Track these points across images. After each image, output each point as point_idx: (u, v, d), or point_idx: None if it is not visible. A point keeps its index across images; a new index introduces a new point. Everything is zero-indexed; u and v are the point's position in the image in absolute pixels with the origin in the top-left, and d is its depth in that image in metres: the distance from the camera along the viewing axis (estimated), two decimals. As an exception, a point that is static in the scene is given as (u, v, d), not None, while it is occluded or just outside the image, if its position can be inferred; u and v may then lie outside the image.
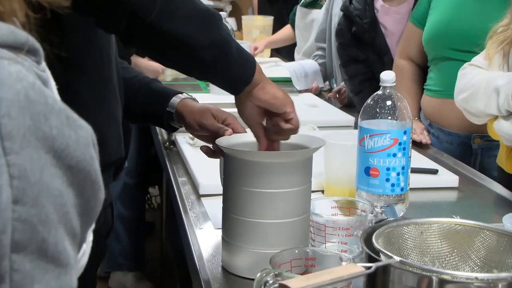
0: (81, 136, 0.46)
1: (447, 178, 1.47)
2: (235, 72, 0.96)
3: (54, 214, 0.44)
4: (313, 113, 2.09)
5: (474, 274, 0.64)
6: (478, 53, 1.52)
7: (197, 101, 1.21)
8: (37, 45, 0.47)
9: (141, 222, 2.68)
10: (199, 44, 0.90)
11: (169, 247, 2.66)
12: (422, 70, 1.99)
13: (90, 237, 0.54)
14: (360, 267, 0.63)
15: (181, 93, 1.20)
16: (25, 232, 0.42)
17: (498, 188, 1.46)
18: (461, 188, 1.45)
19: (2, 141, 0.41)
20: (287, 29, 3.15)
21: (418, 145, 1.76)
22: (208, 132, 1.12)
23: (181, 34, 0.88)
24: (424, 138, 1.84)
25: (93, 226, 0.52)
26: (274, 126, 1.00)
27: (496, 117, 1.41)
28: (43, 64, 0.48)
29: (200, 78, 0.98)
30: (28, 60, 0.46)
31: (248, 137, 1.06)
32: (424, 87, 1.95)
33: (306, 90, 2.47)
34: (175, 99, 1.18)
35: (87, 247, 0.53)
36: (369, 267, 0.63)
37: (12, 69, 0.43)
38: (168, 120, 1.19)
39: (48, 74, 0.48)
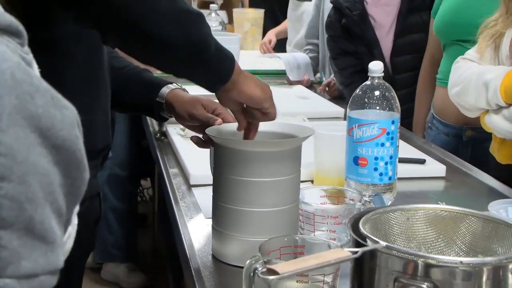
0: (66, 116, 0.47)
1: (434, 167, 1.49)
2: (212, 72, 0.96)
3: (40, 192, 0.44)
4: (303, 105, 2.10)
5: (459, 259, 0.66)
6: None
7: (187, 92, 1.22)
8: (21, 27, 0.48)
9: (134, 214, 2.69)
10: (174, 43, 0.90)
11: (161, 238, 2.67)
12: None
13: (75, 220, 0.54)
14: (346, 252, 0.64)
15: (171, 83, 1.21)
16: (12, 209, 0.43)
17: (485, 178, 1.48)
18: (448, 177, 1.47)
19: None
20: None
21: (406, 135, 1.78)
22: (198, 122, 1.13)
23: (157, 33, 0.88)
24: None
25: (78, 207, 0.52)
26: (251, 115, 1.02)
27: (487, 111, 1.42)
28: (26, 47, 0.49)
29: (177, 76, 0.99)
30: (12, 42, 0.46)
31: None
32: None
33: (298, 82, 2.48)
34: (165, 89, 1.19)
35: (72, 229, 0.54)
36: (356, 252, 0.65)
37: None
38: (158, 110, 1.20)
39: (31, 57, 0.49)
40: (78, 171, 0.48)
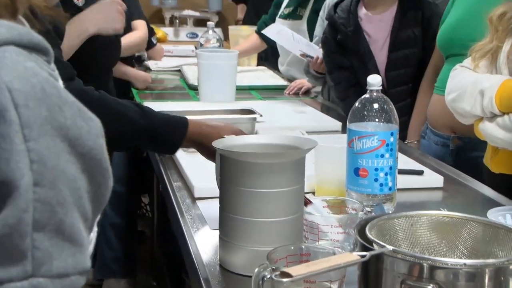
0: (92, 127, 0.50)
1: (433, 178, 1.52)
2: (162, 146, 1.22)
3: (70, 197, 0.47)
4: (301, 119, 2.14)
5: (462, 260, 0.69)
6: None
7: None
8: (48, 45, 0.51)
9: (133, 229, 2.70)
10: (123, 135, 1.15)
11: (160, 253, 2.69)
12: None
13: (96, 227, 0.57)
14: (355, 256, 0.67)
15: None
16: (44, 212, 0.45)
17: (482, 188, 1.51)
18: (446, 188, 1.50)
19: (22, 129, 0.45)
20: (254, 38, 3.16)
21: (404, 148, 1.82)
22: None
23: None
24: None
25: (100, 215, 0.55)
26: None
27: (482, 118, 1.46)
28: (53, 64, 0.52)
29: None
30: (40, 59, 0.50)
31: (243, 139, 1.10)
32: None
33: (311, 59, 2.39)
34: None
35: (93, 235, 0.56)
36: (364, 256, 0.68)
37: (28, 65, 0.47)
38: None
39: (57, 73, 0.52)
40: (103, 178, 0.51)
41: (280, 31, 2.57)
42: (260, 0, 3.84)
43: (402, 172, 1.46)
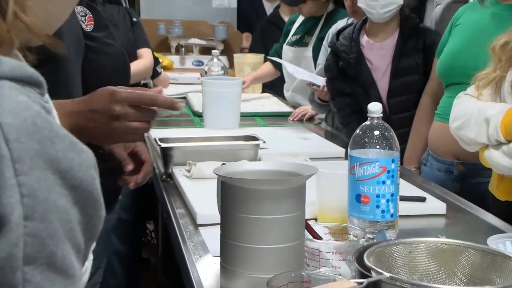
0: (83, 158, 0.51)
1: (435, 205, 1.52)
2: None
3: (61, 229, 0.47)
4: (305, 145, 2.15)
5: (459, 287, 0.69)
6: None
7: None
8: (41, 78, 0.52)
9: (138, 257, 2.70)
10: None
11: (164, 281, 2.67)
12: None
13: (91, 256, 0.58)
14: (352, 283, 0.67)
15: None
16: (35, 246, 0.46)
17: (485, 215, 1.51)
18: (448, 215, 1.50)
19: (13, 163, 0.46)
20: (268, 65, 3.22)
21: (406, 174, 1.82)
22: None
23: None
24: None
25: (94, 244, 0.56)
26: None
27: (487, 146, 1.46)
28: (46, 96, 0.53)
29: None
30: (33, 92, 0.51)
31: (244, 165, 1.11)
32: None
33: (317, 88, 2.42)
34: None
35: (88, 264, 0.57)
36: (361, 283, 0.68)
37: (20, 99, 0.48)
38: None
39: (51, 105, 0.53)
40: (94, 209, 0.52)
41: (284, 66, 2.62)
42: (268, 29, 3.89)
43: (404, 199, 1.46)
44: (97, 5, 1.96)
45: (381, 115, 1.27)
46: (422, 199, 1.54)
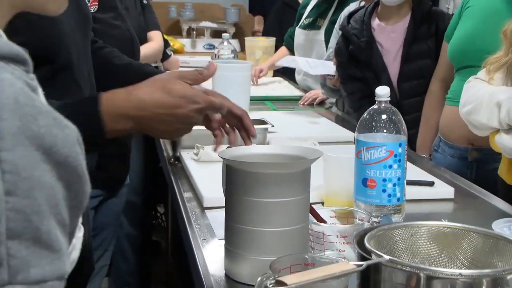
0: (67, 134, 0.51)
1: (443, 190, 1.52)
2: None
3: (45, 205, 0.48)
4: (314, 129, 2.15)
5: (458, 271, 0.69)
6: None
7: None
8: (27, 56, 0.53)
9: (148, 240, 2.72)
10: None
11: (174, 265, 2.70)
12: None
13: (79, 233, 0.58)
14: (351, 265, 0.68)
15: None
16: (19, 221, 0.46)
17: (494, 200, 1.50)
18: (456, 200, 1.49)
19: None
20: (284, 50, 3.21)
21: (416, 159, 1.81)
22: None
23: None
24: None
25: (80, 219, 0.56)
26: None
27: (497, 130, 1.45)
28: (32, 74, 0.54)
29: None
30: (18, 69, 0.51)
31: (250, 149, 1.11)
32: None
33: (332, 78, 2.44)
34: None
35: (77, 242, 0.58)
36: (360, 265, 0.68)
37: (3, 76, 0.48)
38: None
39: (36, 83, 0.54)
40: (80, 185, 0.52)
41: (293, 61, 2.61)
42: (284, 12, 3.87)
43: (412, 183, 1.45)
44: None
45: (389, 99, 1.26)
46: (430, 184, 1.53)
